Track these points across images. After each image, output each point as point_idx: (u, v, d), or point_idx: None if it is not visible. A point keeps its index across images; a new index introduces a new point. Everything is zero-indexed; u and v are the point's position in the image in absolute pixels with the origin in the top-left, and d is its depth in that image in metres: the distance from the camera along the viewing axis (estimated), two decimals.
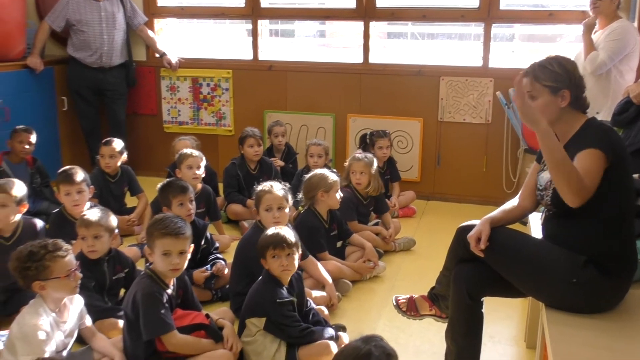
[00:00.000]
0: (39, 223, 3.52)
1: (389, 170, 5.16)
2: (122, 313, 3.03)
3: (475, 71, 5.34)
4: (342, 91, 5.66)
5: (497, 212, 2.53)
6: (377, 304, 3.54)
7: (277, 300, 2.75)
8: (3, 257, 3.12)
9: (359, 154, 4.38)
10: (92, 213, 3.16)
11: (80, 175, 3.73)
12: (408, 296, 2.89)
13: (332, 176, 3.79)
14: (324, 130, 5.75)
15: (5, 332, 2.81)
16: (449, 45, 6.88)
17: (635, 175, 2.69)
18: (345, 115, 5.67)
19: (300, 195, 3.90)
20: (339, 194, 3.79)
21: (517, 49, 6.40)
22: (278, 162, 5.21)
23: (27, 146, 4.72)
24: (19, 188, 3.38)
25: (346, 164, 4.38)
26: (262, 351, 2.78)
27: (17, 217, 3.37)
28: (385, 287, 3.77)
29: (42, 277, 2.52)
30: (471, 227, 2.46)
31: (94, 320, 2.87)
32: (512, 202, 2.61)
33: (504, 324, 3.29)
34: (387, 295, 3.51)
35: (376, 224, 4.44)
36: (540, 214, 2.60)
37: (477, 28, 5.57)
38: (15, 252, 2.57)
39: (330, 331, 2.87)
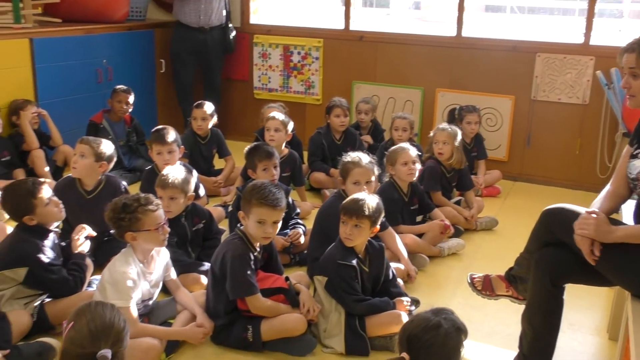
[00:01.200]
0: (122, 183, 3.64)
1: (475, 147, 5.04)
2: (204, 268, 3.19)
3: (575, 48, 5.09)
4: (432, 65, 5.55)
5: (601, 205, 2.39)
6: (453, 281, 3.51)
7: (338, 261, 2.78)
8: (83, 210, 3.34)
9: (444, 124, 4.32)
10: (173, 174, 3.27)
11: (171, 135, 3.88)
12: (484, 275, 2.85)
13: (410, 150, 3.75)
14: (412, 103, 5.68)
15: (97, 277, 3.02)
16: (548, 21, 6.58)
17: None
18: (434, 90, 5.57)
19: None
20: (410, 167, 3.74)
21: (625, 28, 6.02)
22: (367, 139, 5.19)
23: (125, 106, 4.97)
24: (105, 146, 3.49)
25: (431, 134, 4.33)
26: (327, 314, 2.83)
27: (100, 174, 3.50)
28: (463, 264, 3.72)
29: (134, 229, 2.67)
30: (560, 211, 2.37)
31: (178, 274, 3.01)
32: (608, 190, 2.48)
33: (586, 313, 3.18)
34: (464, 273, 3.45)
35: (458, 202, 4.38)
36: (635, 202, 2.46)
37: (582, 3, 5.28)
38: (111, 203, 2.74)
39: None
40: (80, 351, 1.60)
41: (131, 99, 4.99)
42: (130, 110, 5.03)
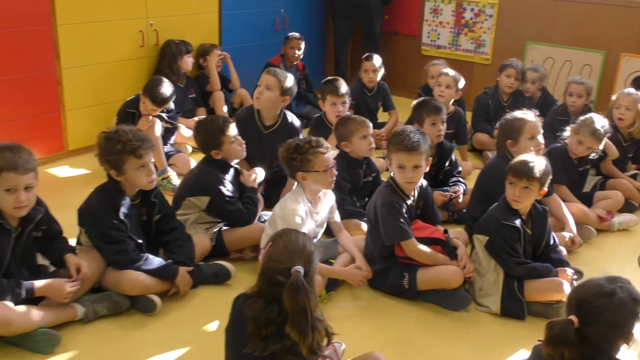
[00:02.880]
0: (297, 122, 3.80)
1: None
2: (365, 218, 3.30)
3: None
4: (618, 27, 5.14)
5: None
6: (621, 257, 3.33)
7: (502, 221, 2.75)
8: (259, 144, 3.53)
9: (629, 89, 4.03)
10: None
11: (345, 87, 3.99)
12: None
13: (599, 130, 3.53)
14: (590, 68, 5.33)
15: (268, 212, 3.26)
16: None
17: None
18: (617, 54, 5.17)
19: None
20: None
21: None
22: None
23: (297, 52, 5.17)
24: (290, 80, 3.62)
25: (613, 97, 4.06)
26: (485, 273, 2.83)
27: (279, 109, 3.64)
28: (634, 242, 3.51)
29: (304, 169, 2.83)
30: None
31: (342, 219, 3.14)
32: None
33: None
34: (635, 250, 3.28)
35: (634, 175, 4.08)
36: None
37: None
38: (285, 144, 2.92)
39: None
40: (278, 266, 1.78)
41: (302, 45, 5.18)
42: (300, 57, 5.23)
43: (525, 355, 2.09)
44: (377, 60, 4.80)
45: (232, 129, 3.16)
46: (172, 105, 4.07)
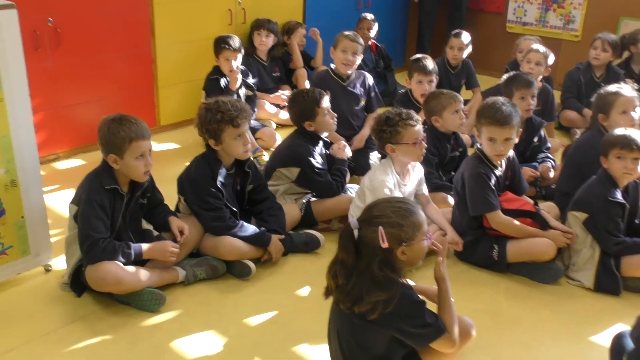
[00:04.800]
0: (369, 77, 4.07)
1: None
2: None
3: None
4: None
5: None
6: None
7: (609, 198, 2.68)
8: (340, 95, 3.63)
9: None
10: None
11: (432, 66, 3.98)
12: None
13: None
14: None
15: (354, 185, 3.31)
16: None
17: None
18: None
19: None
20: None
21: None
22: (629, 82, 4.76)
23: (367, 32, 5.18)
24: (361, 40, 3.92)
25: None
26: (580, 249, 2.78)
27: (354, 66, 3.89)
28: None
29: (394, 141, 2.86)
30: None
31: (429, 192, 3.15)
32: None
33: None
34: None
35: None
36: None
37: None
38: (377, 117, 2.96)
39: None
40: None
41: (375, 26, 5.18)
42: (372, 37, 5.22)
43: (624, 329, 2.06)
44: (465, 37, 4.74)
45: (326, 101, 3.23)
46: (250, 78, 4.29)
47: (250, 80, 4.29)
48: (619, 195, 2.70)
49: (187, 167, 2.85)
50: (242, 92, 4.17)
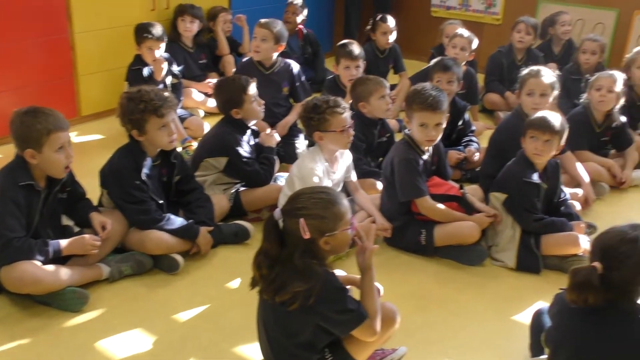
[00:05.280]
0: (295, 66, 4.01)
1: None
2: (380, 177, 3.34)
3: None
4: None
5: None
6: (635, 212, 3.37)
7: (524, 179, 2.77)
8: (262, 84, 3.52)
9: None
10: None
11: (359, 51, 3.98)
12: None
13: (612, 75, 3.52)
14: (603, 26, 5.29)
15: (284, 174, 3.29)
16: None
17: None
18: (631, 12, 5.14)
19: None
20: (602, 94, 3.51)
21: None
22: (552, 66, 4.91)
23: (294, 17, 5.14)
24: (282, 27, 3.89)
25: (627, 56, 4.04)
26: (502, 230, 2.87)
27: (275, 55, 3.87)
28: None
29: (321, 129, 2.85)
30: None
31: (357, 178, 3.17)
32: None
33: None
34: None
35: None
36: None
37: None
38: (304, 104, 2.94)
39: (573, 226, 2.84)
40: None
41: (304, 12, 5.16)
42: (298, 22, 5.18)
43: (543, 306, 2.14)
44: (391, 21, 4.77)
45: (253, 88, 3.18)
46: (175, 66, 4.20)
47: (175, 68, 4.18)
48: (534, 176, 2.79)
49: (110, 159, 2.75)
50: (168, 80, 4.05)
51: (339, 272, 2.08)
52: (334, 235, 1.84)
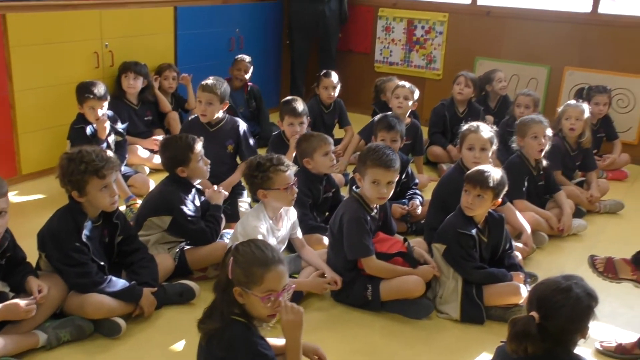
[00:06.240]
0: (242, 125, 4.02)
1: (602, 128, 4.88)
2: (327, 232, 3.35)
3: None
4: (562, 42, 5.38)
5: None
6: (572, 260, 3.47)
7: (458, 230, 2.84)
8: (207, 142, 3.49)
9: (573, 101, 4.23)
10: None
11: (302, 107, 4.05)
12: (606, 257, 2.81)
13: (542, 122, 3.70)
14: (536, 81, 5.55)
15: (230, 231, 3.27)
16: None
17: None
18: (561, 68, 5.41)
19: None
20: (540, 142, 3.66)
21: None
22: (489, 119, 5.10)
23: (244, 74, 5.22)
24: (224, 85, 3.91)
25: (559, 109, 4.25)
26: (444, 281, 2.91)
27: (220, 113, 3.90)
28: (584, 245, 3.66)
29: (265, 187, 2.87)
30: None
31: (303, 234, 3.19)
32: None
33: None
34: (585, 254, 3.40)
35: (580, 183, 4.27)
36: None
37: None
38: (247, 161, 2.96)
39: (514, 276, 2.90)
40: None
41: (251, 69, 5.24)
42: (247, 78, 5.25)
43: (488, 357, 2.17)
44: (334, 77, 4.90)
45: (200, 147, 3.18)
46: (120, 123, 4.18)
47: (120, 126, 4.15)
48: (471, 228, 2.86)
49: (48, 220, 2.68)
50: (112, 138, 4.01)
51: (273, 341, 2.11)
52: (247, 293, 1.90)
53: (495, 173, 2.90)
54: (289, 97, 4.18)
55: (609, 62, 5.18)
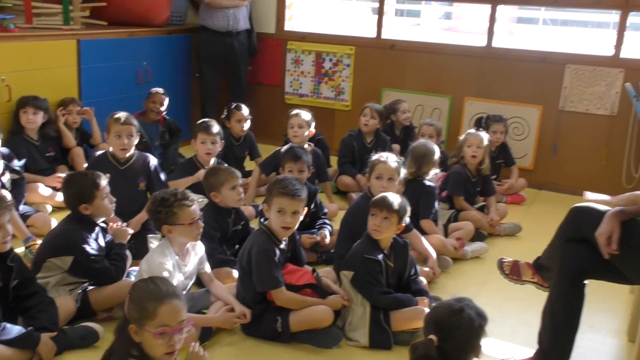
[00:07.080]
0: (152, 160, 3.94)
1: (501, 155, 5.14)
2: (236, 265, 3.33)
3: (605, 61, 5.16)
4: (461, 74, 5.67)
5: (626, 201, 2.50)
6: (475, 282, 3.61)
7: (365, 255, 2.92)
8: (117, 179, 3.49)
9: (473, 130, 4.47)
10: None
11: (216, 128, 4.09)
12: (513, 260, 3.00)
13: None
14: (439, 111, 5.79)
15: (135, 268, 3.19)
16: (579, 33, 6.63)
17: None
18: (462, 98, 5.68)
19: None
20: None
21: None
22: (395, 147, 5.23)
23: (160, 107, 5.15)
24: (135, 123, 3.85)
25: (460, 137, 4.45)
26: (353, 308, 2.96)
27: (132, 149, 3.84)
28: (486, 267, 3.82)
29: (169, 222, 2.83)
30: (587, 210, 2.47)
31: (212, 268, 3.15)
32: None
33: (606, 316, 3.26)
34: (487, 275, 3.57)
35: (482, 207, 4.47)
36: None
37: (614, 16, 5.32)
38: (152, 196, 2.91)
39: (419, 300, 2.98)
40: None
41: (166, 101, 5.18)
42: (164, 111, 5.20)
43: None
44: (245, 109, 4.94)
45: (105, 183, 3.09)
46: (16, 161, 4.02)
47: (17, 163, 3.96)
48: (377, 254, 2.94)
49: None
50: (6, 177, 3.80)
51: None
52: (142, 329, 1.89)
53: (398, 198, 3.02)
54: (205, 119, 4.24)
55: (504, 93, 5.50)
